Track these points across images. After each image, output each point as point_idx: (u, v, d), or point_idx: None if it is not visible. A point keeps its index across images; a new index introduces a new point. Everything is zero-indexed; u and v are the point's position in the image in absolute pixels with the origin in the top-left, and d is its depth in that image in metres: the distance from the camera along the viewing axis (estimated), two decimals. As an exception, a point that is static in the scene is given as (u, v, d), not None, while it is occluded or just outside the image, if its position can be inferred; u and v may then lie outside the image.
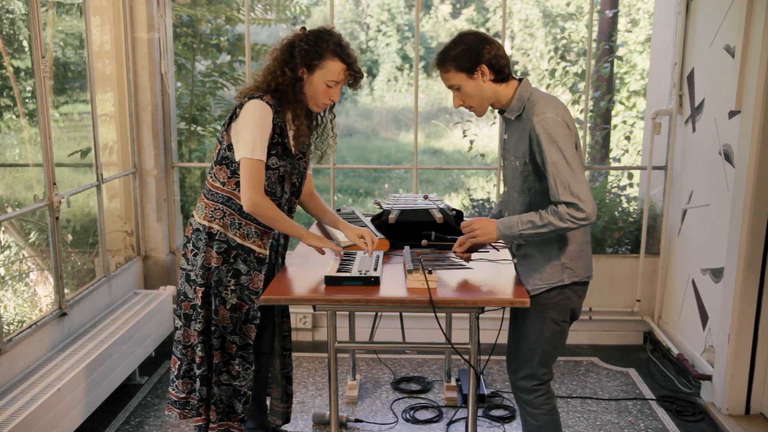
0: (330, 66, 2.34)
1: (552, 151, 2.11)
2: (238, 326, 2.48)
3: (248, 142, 2.30)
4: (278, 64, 2.35)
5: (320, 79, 2.35)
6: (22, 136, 3.61)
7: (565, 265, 2.25)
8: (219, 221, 2.41)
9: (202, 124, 4.72)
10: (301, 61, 2.33)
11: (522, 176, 2.25)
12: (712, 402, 3.35)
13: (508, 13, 8.65)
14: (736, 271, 3.14)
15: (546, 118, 2.13)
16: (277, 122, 2.36)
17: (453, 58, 2.20)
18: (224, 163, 2.41)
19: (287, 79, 2.33)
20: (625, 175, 4.73)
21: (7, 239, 3.62)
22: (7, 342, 2.80)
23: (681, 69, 3.86)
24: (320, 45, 2.33)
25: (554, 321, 2.30)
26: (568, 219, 2.10)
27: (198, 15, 4.62)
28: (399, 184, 8.77)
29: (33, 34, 2.96)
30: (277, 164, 2.39)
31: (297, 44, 2.34)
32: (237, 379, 2.51)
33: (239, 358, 2.50)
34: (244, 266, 2.44)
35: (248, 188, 2.31)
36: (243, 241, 2.43)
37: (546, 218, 2.13)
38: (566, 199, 2.09)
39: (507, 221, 2.22)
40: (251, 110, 2.32)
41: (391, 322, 3.53)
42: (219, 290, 2.44)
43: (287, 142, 2.41)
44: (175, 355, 2.56)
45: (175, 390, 2.58)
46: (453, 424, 3.22)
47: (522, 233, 2.18)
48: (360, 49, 12.95)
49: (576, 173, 2.10)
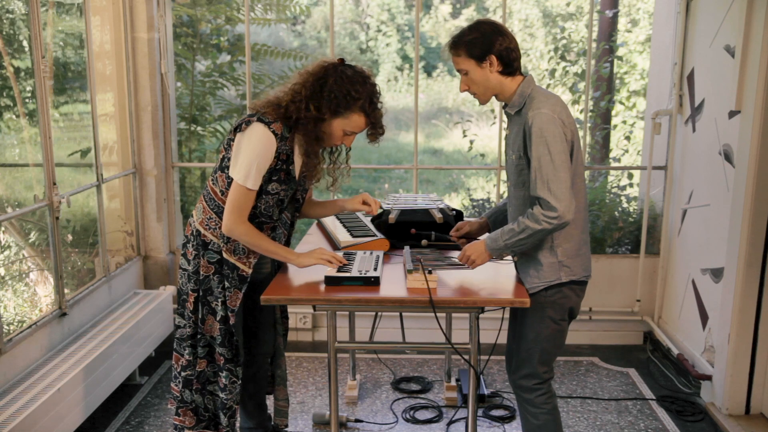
0: (355, 119, 2.31)
1: (539, 146, 2.14)
2: (227, 339, 2.43)
3: (244, 169, 2.25)
4: (305, 94, 2.27)
5: (340, 126, 2.31)
6: (22, 136, 3.61)
7: (563, 263, 2.26)
8: (213, 231, 2.38)
9: (202, 124, 4.72)
10: (328, 103, 2.26)
11: (518, 170, 2.28)
12: (712, 402, 3.35)
13: (508, 13, 8.65)
14: (736, 271, 3.14)
15: (540, 113, 2.16)
16: (283, 150, 2.30)
17: (466, 43, 2.24)
18: (226, 172, 2.36)
19: (310, 116, 2.26)
20: (625, 175, 4.73)
21: (7, 239, 3.62)
22: (7, 342, 2.80)
23: (681, 69, 3.86)
24: (352, 95, 2.27)
25: (553, 320, 2.31)
26: (543, 220, 2.12)
27: (198, 15, 4.62)
28: (399, 184, 8.76)
29: (33, 34, 2.96)
30: (277, 189, 2.35)
31: (329, 84, 2.26)
32: (224, 392, 2.47)
33: (226, 371, 2.45)
34: (234, 280, 2.41)
35: (229, 213, 2.28)
36: (229, 256, 2.38)
37: (523, 223, 2.16)
38: (542, 194, 2.12)
39: (493, 236, 2.26)
40: (256, 137, 2.25)
41: (391, 322, 3.53)
42: (208, 300, 2.41)
43: (292, 168, 2.36)
44: (176, 351, 2.55)
45: (177, 386, 2.57)
46: (453, 424, 3.22)
47: (506, 243, 2.21)
48: (360, 49, 12.95)
49: (557, 171, 2.12)
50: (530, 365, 2.36)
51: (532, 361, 2.35)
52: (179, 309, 2.52)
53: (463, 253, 2.34)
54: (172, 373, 2.61)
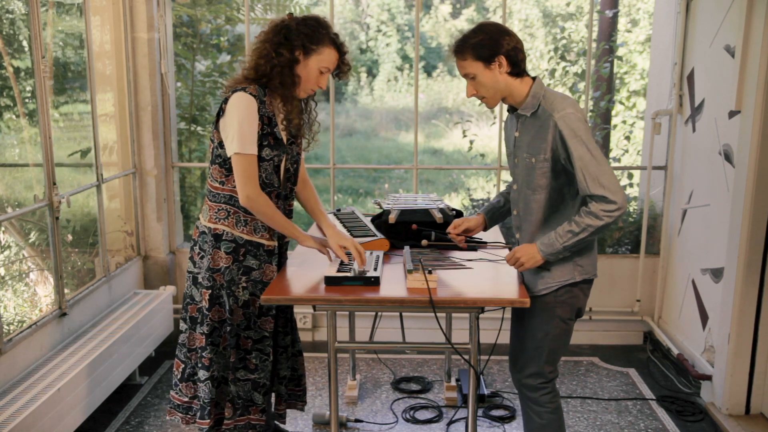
0: (327, 53, 2.35)
1: (577, 146, 2.12)
2: (252, 321, 2.46)
3: (237, 137, 2.28)
4: (272, 46, 2.33)
5: (315, 64, 2.35)
6: (22, 136, 3.61)
7: (577, 263, 2.27)
8: (224, 221, 2.40)
9: (202, 124, 4.72)
10: (300, 43, 2.32)
11: (539, 173, 2.24)
12: (712, 402, 3.35)
13: (508, 13, 8.65)
14: (736, 271, 3.14)
15: (568, 114, 2.15)
16: (264, 112, 2.34)
17: (472, 46, 2.20)
18: (218, 162, 2.39)
19: (283, 60, 2.31)
20: (625, 175, 4.73)
21: (7, 239, 3.62)
22: (7, 342, 2.80)
23: (681, 69, 3.86)
24: (319, 31, 2.33)
25: (561, 319, 2.31)
26: (604, 215, 2.10)
27: (198, 15, 4.62)
28: (399, 184, 8.76)
29: (33, 34, 2.96)
30: (270, 155, 2.37)
31: (293, 28, 2.33)
32: (255, 372, 2.49)
33: (255, 351, 2.48)
34: (255, 261, 2.43)
35: (242, 183, 2.30)
36: (251, 236, 2.41)
37: (583, 223, 2.13)
38: (596, 191, 2.10)
39: (546, 240, 2.21)
40: (236, 104, 2.30)
41: (391, 322, 3.53)
42: (232, 289, 2.42)
43: (277, 131, 2.38)
44: (178, 358, 2.55)
45: (178, 393, 2.56)
46: (453, 424, 3.22)
47: (565, 245, 2.17)
48: (360, 49, 12.94)
49: (601, 164, 2.11)
50: (537, 364, 2.36)
51: (539, 360, 2.35)
52: (182, 314, 2.51)
53: (512, 255, 2.29)
54: (172, 380, 2.59)
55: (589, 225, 2.12)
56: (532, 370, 2.37)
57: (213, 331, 2.44)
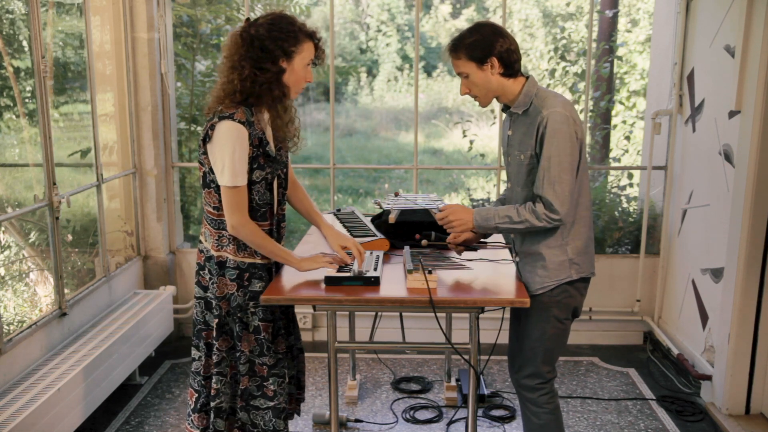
0: (306, 47, 2.26)
1: (550, 146, 2.16)
2: (265, 347, 2.37)
3: (228, 170, 2.20)
4: (252, 63, 2.21)
5: (299, 63, 2.26)
6: (22, 136, 3.61)
7: (573, 261, 2.28)
8: (227, 248, 2.33)
9: (202, 124, 4.72)
10: (281, 51, 2.22)
11: (527, 170, 2.27)
12: (712, 402, 3.35)
13: (508, 13, 8.65)
14: (736, 271, 3.14)
15: (556, 113, 2.17)
16: (255, 135, 2.25)
17: (466, 46, 2.24)
18: (212, 187, 2.31)
19: (270, 76, 2.22)
20: (625, 175, 4.73)
21: (7, 239, 3.62)
22: (7, 342, 2.80)
23: (681, 69, 3.86)
24: (292, 30, 2.24)
25: (557, 319, 2.31)
26: (545, 219, 2.19)
27: (198, 15, 4.62)
28: (399, 184, 8.75)
29: (33, 34, 2.96)
30: (262, 175, 2.30)
31: (266, 36, 2.20)
32: (275, 399, 2.39)
33: (272, 377, 2.38)
34: (260, 283, 2.36)
35: (229, 212, 2.25)
36: (253, 259, 2.34)
37: (523, 215, 2.21)
38: (547, 194, 2.16)
39: (484, 212, 2.29)
40: (225, 134, 2.20)
41: (391, 322, 3.53)
42: (239, 316, 2.35)
43: (269, 148, 2.31)
44: (192, 387, 2.45)
45: (190, 425, 2.46)
46: (453, 424, 3.22)
47: (498, 226, 2.26)
48: (360, 49, 12.95)
49: (563, 173, 2.15)
50: (534, 365, 2.36)
51: (536, 360, 2.35)
52: (195, 341, 2.43)
53: (446, 214, 2.35)
54: (186, 410, 2.50)
55: (527, 221, 2.21)
56: (529, 371, 2.38)
57: (221, 361, 2.38)
